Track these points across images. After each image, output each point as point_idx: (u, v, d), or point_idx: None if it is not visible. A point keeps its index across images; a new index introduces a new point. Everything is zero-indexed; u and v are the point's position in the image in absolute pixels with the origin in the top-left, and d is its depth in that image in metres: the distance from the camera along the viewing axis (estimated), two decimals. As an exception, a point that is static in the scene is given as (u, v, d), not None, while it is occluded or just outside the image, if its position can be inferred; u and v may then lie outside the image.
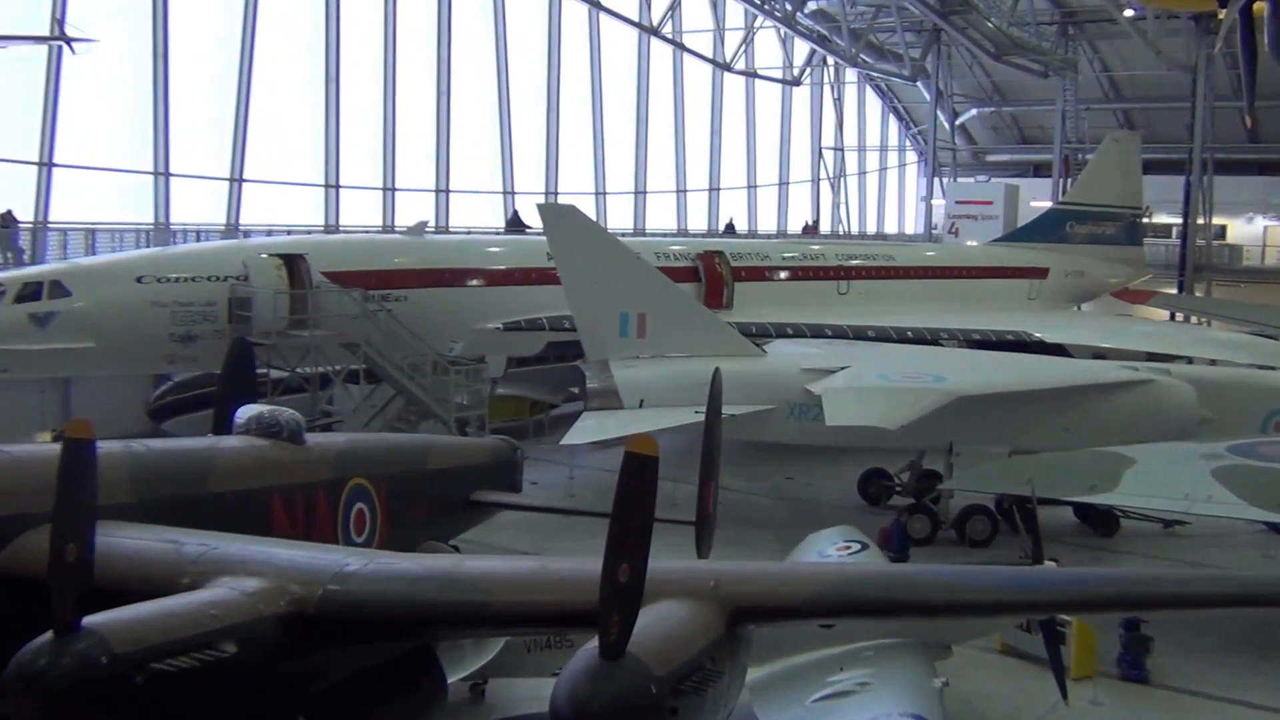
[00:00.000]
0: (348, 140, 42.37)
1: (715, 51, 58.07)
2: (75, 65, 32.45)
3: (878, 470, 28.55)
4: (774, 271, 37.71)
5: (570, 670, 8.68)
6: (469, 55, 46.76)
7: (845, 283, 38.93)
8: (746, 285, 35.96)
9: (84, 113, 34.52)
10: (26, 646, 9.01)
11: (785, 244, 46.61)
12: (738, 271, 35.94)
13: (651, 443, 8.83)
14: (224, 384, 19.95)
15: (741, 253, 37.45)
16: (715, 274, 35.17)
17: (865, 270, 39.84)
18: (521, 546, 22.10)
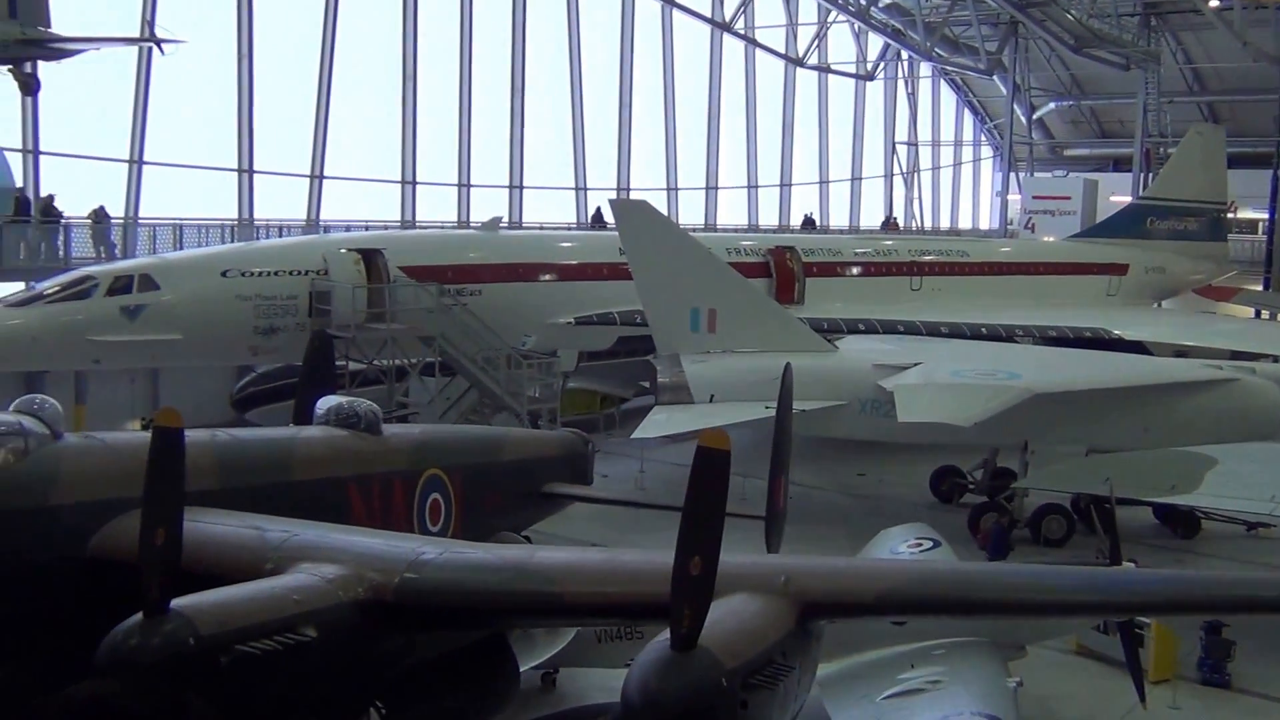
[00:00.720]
0: (424, 137, 42.89)
1: (788, 47, 57.83)
2: (164, 66, 33.26)
3: (950, 467, 28.32)
4: (846, 267, 37.49)
5: (642, 661, 8.71)
6: (543, 52, 47.04)
7: (918, 278, 38.59)
8: (818, 280, 35.81)
9: (172, 112, 35.36)
10: (118, 627, 9.25)
11: (857, 239, 46.27)
12: (809, 267, 35.79)
13: (724, 437, 8.84)
14: (304, 376, 20.28)
15: (813, 248, 37.28)
16: (786, 269, 35.07)
17: (938, 266, 39.47)
18: (592, 538, 22.20)
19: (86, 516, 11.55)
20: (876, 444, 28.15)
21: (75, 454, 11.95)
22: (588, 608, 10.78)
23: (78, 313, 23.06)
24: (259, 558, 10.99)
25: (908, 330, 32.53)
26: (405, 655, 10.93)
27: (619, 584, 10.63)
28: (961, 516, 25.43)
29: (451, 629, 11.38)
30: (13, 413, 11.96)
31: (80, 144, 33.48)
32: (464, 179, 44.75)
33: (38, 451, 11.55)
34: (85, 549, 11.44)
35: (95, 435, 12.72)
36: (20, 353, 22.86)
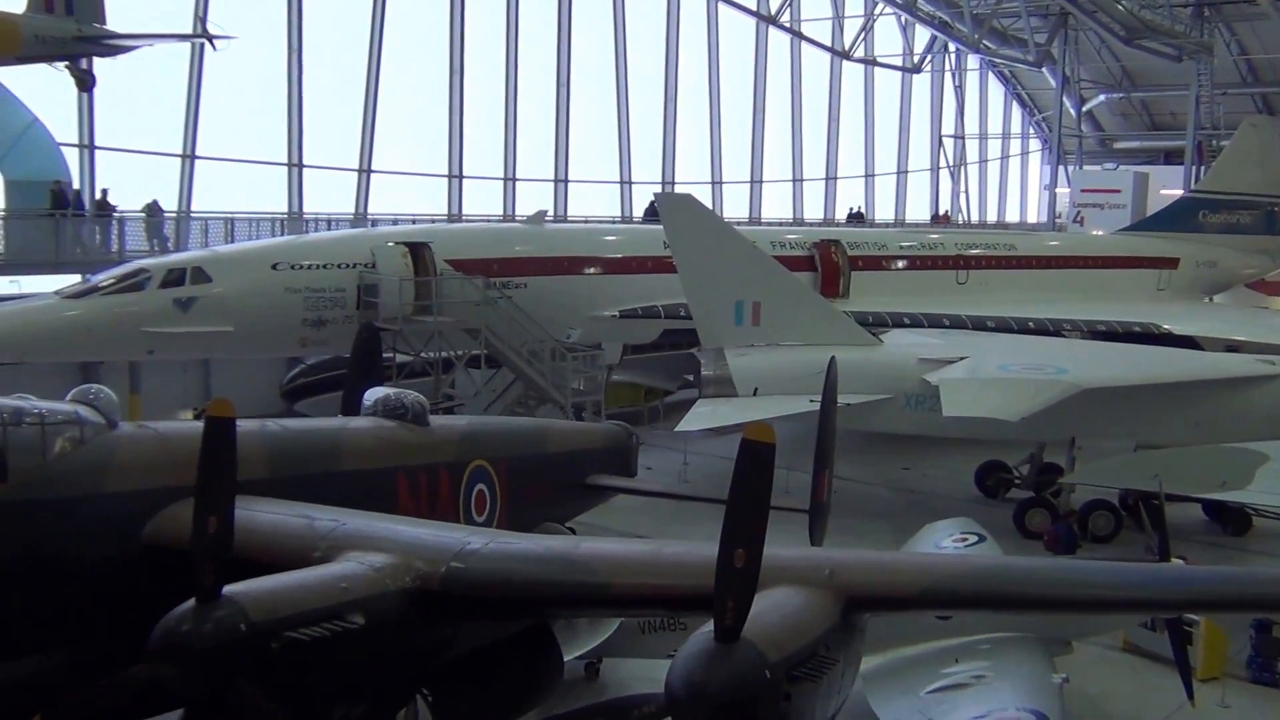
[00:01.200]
0: (470, 132, 43.14)
1: (834, 40, 57.60)
2: (215, 62, 33.71)
3: (996, 462, 28.15)
4: (891, 260, 37.30)
5: (685, 653, 8.71)
6: (588, 47, 47.15)
7: (964, 272, 38.31)
8: (863, 274, 35.65)
9: (224, 107, 35.83)
10: (171, 612, 9.41)
11: (903, 233, 46.03)
12: (854, 260, 35.64)
13: (768, 430, 8.84)
14: (353, 367, 20.53)
15: (858, 241, 37.12)
16: (831, 263, 34.95)
17: (985, 260, 39.16)
18: (636, 530, 22.32)
19: (140, 504, 11.75)
20: (921, 438, 28.02)
21: (130, 443, 12.16)
22: (632, 599, 10.83)
23: (132, 304, 23.44)
24: (308, 546, 11.14)
25: (954, 324, 32.34)
26: (451, 643, 11.03)
27: (663, 575, 10.67)
28: (1007, 512, 25.27)
29: (496, 618, 11.47)
30: (69, 402, 12.18)
31: (134, 139, 34.00)
32: (510, 173, 44.98)
33: (94, 440, 11.76)
34: (139, 536, 11.64)
35: (149, 425, 12.94)
36: (76, 343, 23.27)
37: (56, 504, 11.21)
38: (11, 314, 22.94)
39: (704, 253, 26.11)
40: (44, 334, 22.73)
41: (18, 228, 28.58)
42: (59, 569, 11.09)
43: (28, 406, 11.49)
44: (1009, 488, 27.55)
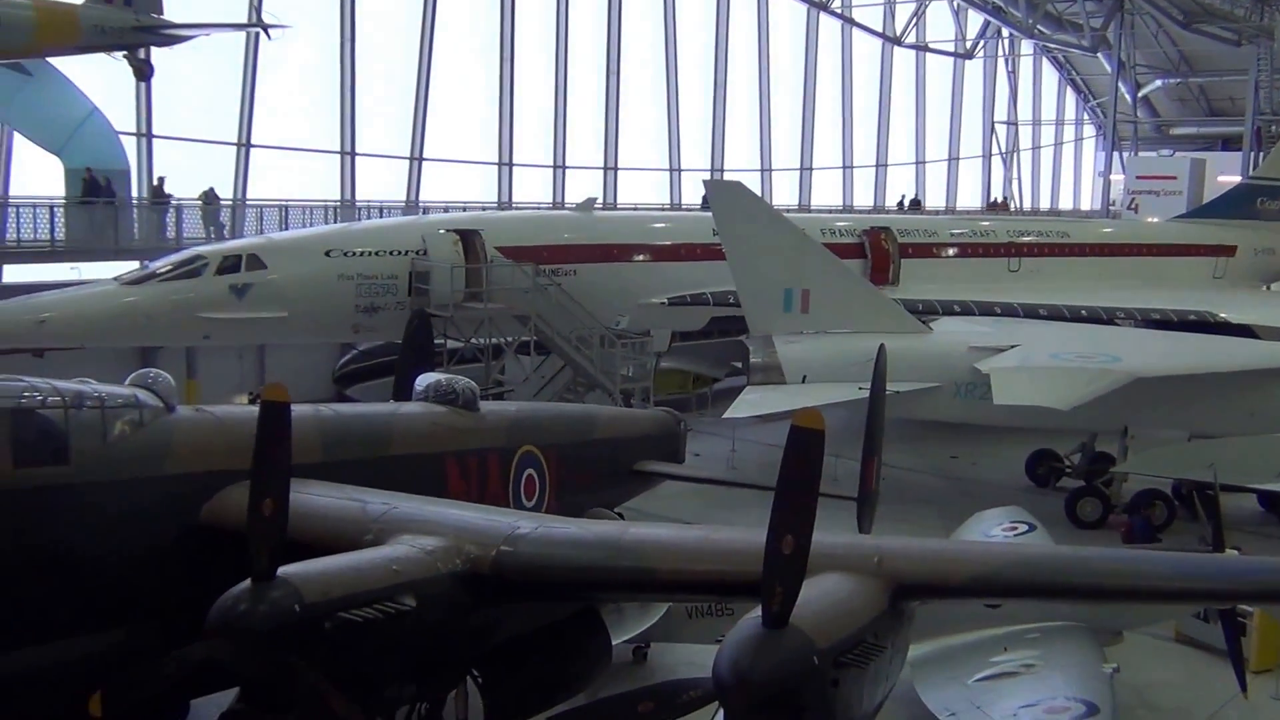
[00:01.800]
0: (520, 120, 43.30)
1: (885, 25, 57.16)
2: (270, 51, 34.09)
3: (1047, 451, 27.93)
4: (942, 248, 37.04)
5: (733, 638, 8.73)
6: (638, 34, 47.14)
7: (1016, 259, 37.95)
8: (913, 262, 35.43)
9: (278, 96, 36.22)
10: (227, 593, 9.59)
11: (954, 220, 45.65)
12: (904, 248, 35.43)
13: (818, 416, 8.82)
14: (404, 353, 20.75)
15: (909, 229, 36.90)
16: (881, 250, 34.76)
17: (1037, 247, 38.77)
18: (684, 516, 22.37)
19: (198, 486, 11.98)
20: (971, 426, 27.86)
21: (187, 426, 12.39)
22: (679, 584, 10.88)
23: (189, 291, 23.79)
24: (360, 529, 11.30)
25: (1005, 312, 32.05)
26: (500, 626, 11.16)
27: (711, 561, 10.71)
28: (1058, 501, 25.10)
29: (545, 602, 11.59)
30: (129, 386, 12.42)
31: (191, 128, 34.47)
32: (559, 160, 45.10)
33: (152, 423, 11.98)
34: (196, 517, 11.87)
35: (206, 409, 13.17)
36: (135, 329, 23.66)
37: (116, 486, 11.45)
38: (72, 300, 23.36)
39: (753, 240, 26.06)
40: (103, 320, 23.13)
41: (77, 215, 29.04)
42: (119, 549, 11.33)
43: (88, 390, 11.71)
44: (1060, 477, 27.33)
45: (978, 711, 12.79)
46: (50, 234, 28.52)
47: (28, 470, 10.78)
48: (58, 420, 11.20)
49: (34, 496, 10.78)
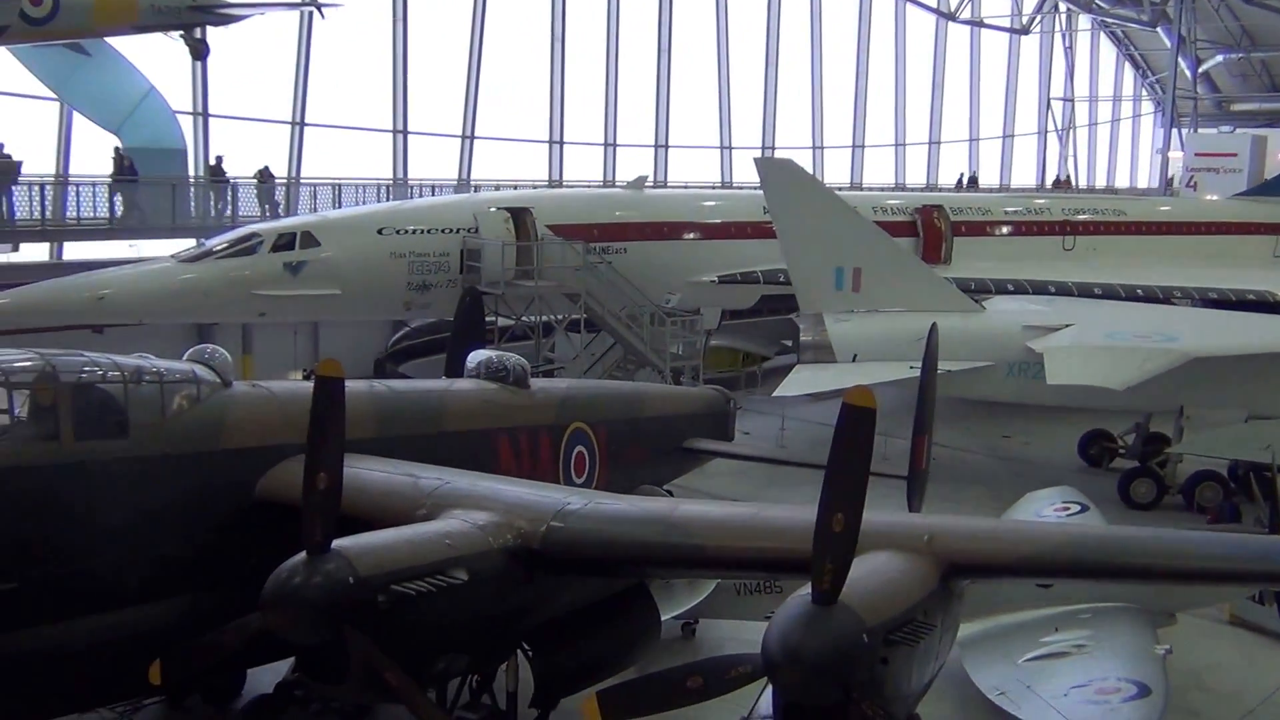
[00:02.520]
0: (571, 98, 43.30)
1: (939, 1, 56.45)
2: (323, 30, 34.31)
3: (1100, 431, 27.64)
4: (995, 226, 36.67)
5: (782, 615, 8.76)
6: (689, 10, 46.92)
7: (1071, 238, 37.52)
8: (966, 240, 35.13)
9: (331, 75, 36.48)
10: (283, 564, 9.76)
11: (1008, 198, 45.17)
12: (957, 226, 35.12)
13: (869, 395, 8.81)
14: (456, 331, 20.94)
15: (962, 206, 36.56)
16: (934, 228, 34.49)
17: (1093, 225, 38.30)
18: (733, 494, 22.41)
19: (253, 460, 12.19)
20: (1023, 406, 27.62)
21: (243, 401, 12.60)
22: (728, 560, 10.93)
23: (245, 268, 24.09)
24: (413, 504, 11.45)
25: (1059, 291, 31.72)
26: (551, 600, 11.28)
27: (760, 538, 10.76)
28: (1111, 482, 24.83)
29: (595, 577, 11.69)
30: (186, 362, 12.63)
31: (246, 107, 34.81)
32: (610, 138, 45.06)
33: (209, 399, 12.19)
34: (252, 491, 12.08)
35: (262, 384, 13.38)
36: (192, 305, 24.00)
37: (174, 459, 11.66)
38: (130, 277, 23.72)
39: (804, 218, 25.94)
40: (161, 296, 23.48)
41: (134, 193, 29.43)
42: (177, 521, 11.55)
43: (147, 365, 11.93)
44: (1113, 457, 27.04)
45: (1027, 691, 12.73)
46: (109, 212, 28.95)
47: (88, 443, 11.01)
48: (117, 395, 11.42)
49: (94, 469, 10.99)
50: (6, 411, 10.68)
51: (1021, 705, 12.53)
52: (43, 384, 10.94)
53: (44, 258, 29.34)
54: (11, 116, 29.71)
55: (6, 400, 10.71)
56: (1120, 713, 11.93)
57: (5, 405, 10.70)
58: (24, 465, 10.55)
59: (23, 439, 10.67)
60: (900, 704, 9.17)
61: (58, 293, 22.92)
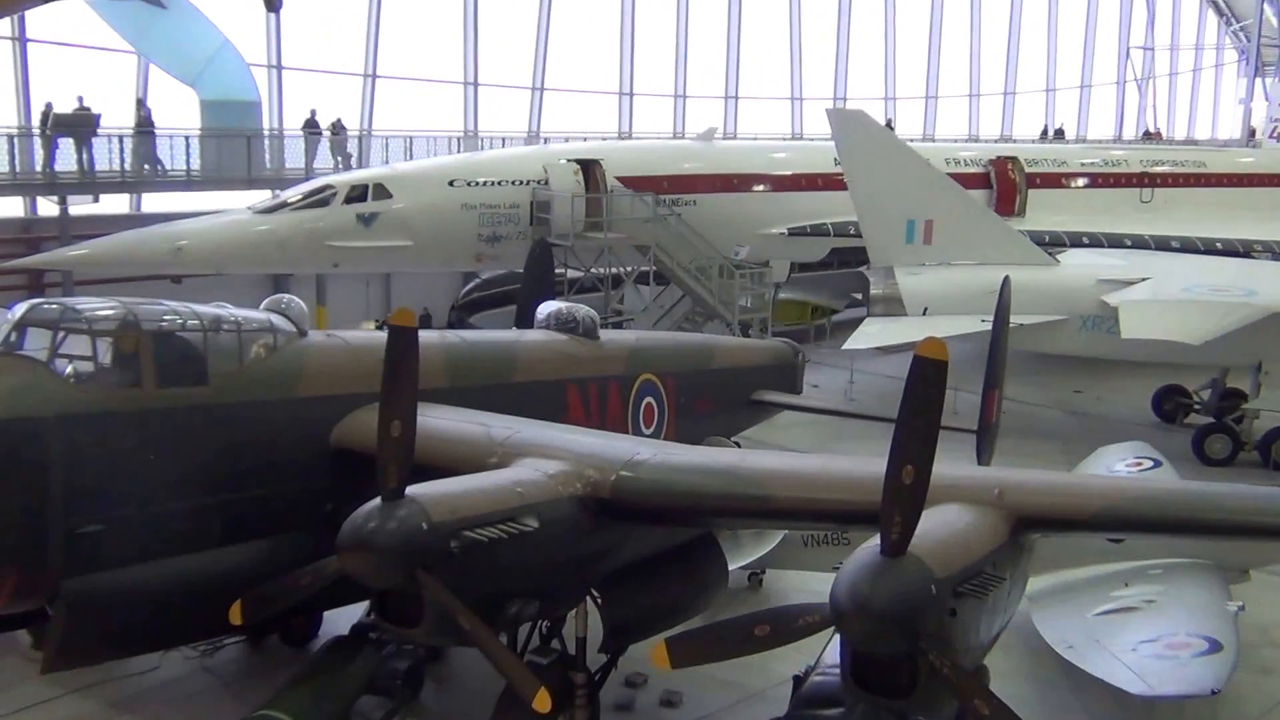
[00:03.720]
0: (641, 49, 43.07)
1: (1017, -54, 55.32)
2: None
3: (1175, 386, 27.19)
4: (1071, 178, 36.04)
5: (851, 565, 8.75)
6: (760, -40, 46.45)
7: (1149, 190, 36.78)
8: (1041, 192, 34.60)
9: (403, 28, 36.60)
10: (359, 510, 9.92)
11: (1085, 149, 44.32)
12: (1032, 178, 34.59)
13: (941, 347, 8.71)
14: (526, 282, 21.03)
15: (1036, 158, 35.95)
16: (1008, 180, 33.99)
17: (1172, 177, 37.48)
18: (801, 447, 22.41)
19: (329, 408, 12.37)
20: (1096, 360, 27.26)
21: (319, 350, 12.79)
22: (796, 511, 10.93)
23: (318, 219, 24.41)
24: (484, 452, 11.57)
25: (1135, 244, 31.20)
26: (620, 548, 11.38)
27: (829, 489, 10.76)
28: (1185, 438, 24.48)
29: (663, 526, 11.78)
30: (263, 311, 12.85)
31: (319, 60, 35.09)
32: (680, 90, 44.79)
33: (286, 348, 12.40)
34: (327, 438, 12.29)
35: (336, 333, 13.58)
36: (267, 256, 24.38)
37: (252, 407, 11.89)
38: (207, 228, 24.13)
39: (876, 169, 25.71)
40: (238, 247, 23.88)
41: (211, 145, 29.86)
42: (255, 467, 11.80)
43: (225, 315, 12.14)
44: (1188, 413, 26.63)
45: (1096, 645, 12.66)
46: (186, 164, 29.39)
47: (169, 390, 11.26)
48: (197, 343, 11.66)
49: (175, 416, 11.25)
50: (91, 359, 10.94)
51: (1089, 659, 12.46)
52: (125, 332, 11.18)
53: (124, 209, 29.94)
54: (90, 69, 30.21)
55: (91, 348, 10.97)
56: (1190, 667, 11.84)
57: (90, 352, 10.96)
58: (108, 411, 10.82)
59: (106, 386, 10.93)
60: (968, 655, 9.16)
61: (137, 243, 23.40)
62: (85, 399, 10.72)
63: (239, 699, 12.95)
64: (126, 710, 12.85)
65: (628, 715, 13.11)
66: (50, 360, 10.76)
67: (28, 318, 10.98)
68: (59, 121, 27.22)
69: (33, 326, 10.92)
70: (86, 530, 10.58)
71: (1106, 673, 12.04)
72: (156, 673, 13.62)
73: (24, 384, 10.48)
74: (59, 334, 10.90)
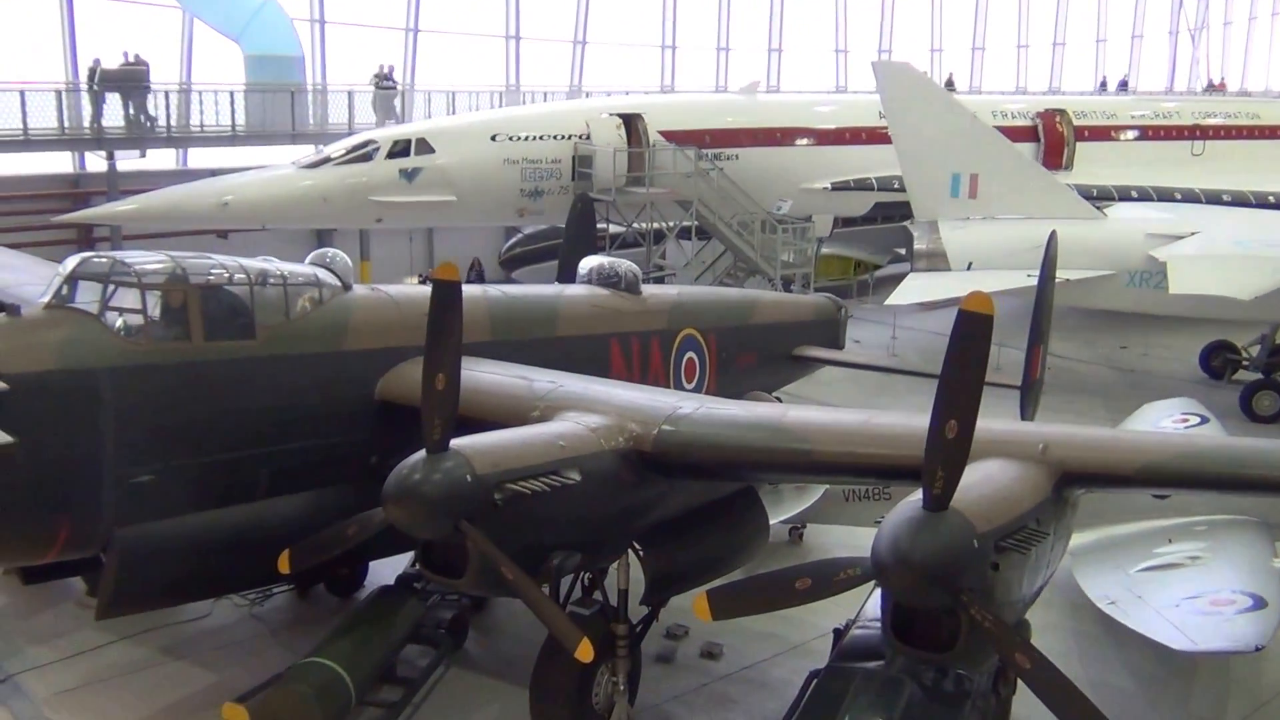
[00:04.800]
0: (684, 2, 42.71)
1: (1068, -109, 54.23)
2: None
3: (1223, 343, 26.85)
4: (1120, 130, 35.49)
5: (893, 519, 8.72)
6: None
7: (1200, 143, 36.15)
8: (1090, 145, 34.12)
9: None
10: (403, 462, 10.00)
11: (1135, 101, 43.57)
12: (1080, 131, 34.10)
13: (987, 300, 8.60)
14: (568, 237, 21.06)
15: (1085, 111, 35.42)
16: (1055, 133, 33.53)
17: (1224, 130, 36.81)
18: (843, 403, 22.37)
19: (373, 362, 12.51)
20: (1142, 316, 26.96)
21: (363, 304, 12.89)
22: (838, 466, 10.92)
23: (361, 174, 24.49)
24: (527, 406, 11.64)
25: (1186, 198, 30.69)
26: (662, 502, 11.44)
27: (871, 444, 10.73)
28: (1233, 394, 24.21)
29: (705, 480, 11.82)
30: (309, 265, 12.95)
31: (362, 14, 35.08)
32: (723, 43, 44.41)
33: (331, 301, 12.51)
34: (373, 392, 12.42)
35: (381, 287, 13.67)
36: (312, 211, 24.52)
37: (299, 360, 12.03)
38: (253, 183, 24.29)
39: (921, 123, 25.42)
40: (283, 202, 24.02)
41: (256, 100, 29.99)
42: (301, 420, 11.96)
43: (272, 268, 12.26)
44: (1236, 369, 26.29)
45: (1139, 601, 12.61)
46: (230, 119, 29.56)
47: (217, 343, 11.42)
48: (244, 296, 11.78)
49: (223, 368, 11.42)
50: (140, 312, 11.09)
51: (1131, 615, 12.41)
52: (174, 285, 11.32)
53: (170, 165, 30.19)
54: (136, 25, 30.37)
55: (140, 301, 11.12)
56: (1234, 624, 11.77)
57: (139, 306, 11.11)
58: (158, 364, 10.99)
59: (156, 338, 11.09)
60: (1009, 610, 9.15)
61: (184, 198, 23.60)
62: (135, 351, 10.89)
63: (286, 647, 13.21)
64: (178, 656, 13.13)
65: (669, 667, 13.24)
66: (101, 313, 10.94)
67: (79, 271, 11.15)
68: (107, 77, 27.41)
69: (84, 280, 11.10)
70: (138, 480, 10.79)
71: (1149, 628, 12.00)
72: (207, 620, 13.91)
73: (76, 336, 10.66)
74: (109, 287, 11.07)
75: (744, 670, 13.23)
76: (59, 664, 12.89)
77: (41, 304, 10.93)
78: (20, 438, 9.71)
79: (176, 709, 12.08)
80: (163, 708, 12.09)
